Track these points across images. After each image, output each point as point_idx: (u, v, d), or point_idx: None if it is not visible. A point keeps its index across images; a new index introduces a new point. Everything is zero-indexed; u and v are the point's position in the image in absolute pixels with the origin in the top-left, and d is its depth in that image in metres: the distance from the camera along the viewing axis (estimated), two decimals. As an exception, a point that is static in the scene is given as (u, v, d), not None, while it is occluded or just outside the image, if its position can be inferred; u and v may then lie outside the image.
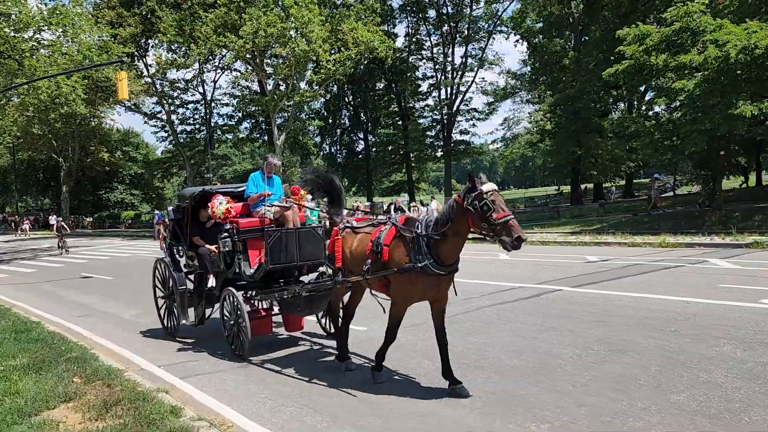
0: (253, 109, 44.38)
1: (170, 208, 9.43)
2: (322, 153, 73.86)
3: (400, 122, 67.34)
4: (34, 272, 21.09)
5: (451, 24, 61.20)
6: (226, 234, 7.81)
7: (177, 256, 9.18)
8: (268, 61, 38.09)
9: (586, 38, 39.60)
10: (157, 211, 50.25)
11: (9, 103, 36.30)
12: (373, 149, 70.85)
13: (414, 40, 63.19)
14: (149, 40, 42.46)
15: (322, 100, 55.64)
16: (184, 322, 8.72)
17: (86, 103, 33.18)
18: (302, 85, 38.58)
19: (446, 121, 61.80)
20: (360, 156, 70.31)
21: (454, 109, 60.73)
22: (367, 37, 34.94)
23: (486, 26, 61.15)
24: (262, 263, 7.43)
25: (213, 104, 46.02)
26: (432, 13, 63.40)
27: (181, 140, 46.81)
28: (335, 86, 53.52)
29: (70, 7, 30.28)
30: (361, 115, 68.94)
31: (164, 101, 43.94)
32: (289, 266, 7.66)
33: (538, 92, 39.75)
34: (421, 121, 66.99)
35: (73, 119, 46.08)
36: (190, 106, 46.89)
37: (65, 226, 30.93)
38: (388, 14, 56.82)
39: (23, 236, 47.82)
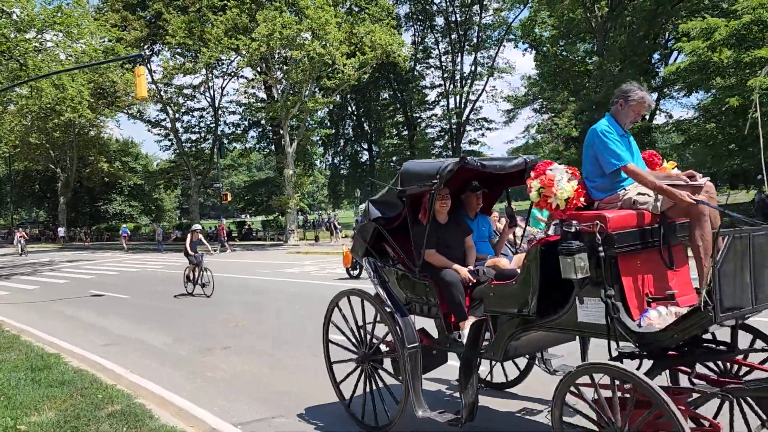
0: (261, 116, 42.66)
1: (365, 201, 5.51)
2: (325, 164, 72.45)
3: (405, 132, 65.99)
4: (37, 289, 19.17)
5: (460, 32, 59.99)
6: (576, 243, 3.67)
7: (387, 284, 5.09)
8: (280, 65, 36.34)
9: (592, 46, 38.27)
10: (124, 226, 49.10)
11: (6, 110, 34.52)
12: (378, 160, 69.49)
13: (421, 48, 61.90)
14: (154, 45, 40.73)
15: (326, 109, 53.98)
16: (420, 413, 4.58)
17: (90, 109, 31.38)
18: (307, 91, 36.84)
19: (455, 130, 60.38)
20: (364, 167, 68.88)
21: (464, 118, 59.32)
22: (385, 40, 33.32)
23: (495, 35, 59.99)
24: (692, 307, 3.44)
25: (220, 112, 44.21)
26: (440, 20, 62.23)
27: (186, 149, 44.95)
28: (338, 96, 52.10)
29: (73, 7, 28.68)
30: (365, 125, 67.64)
31: (169, 108, 42.15)
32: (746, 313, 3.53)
33: (561, 99, 38.22)
34: (428, 130, 65.68)
35: (71, 128, 44.35)
36: (195, 113, 45.12)
37: (205, 243, 16.22)
38: (395, 22, 55.48)
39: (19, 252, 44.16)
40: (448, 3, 59.96)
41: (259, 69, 36.06)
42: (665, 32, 41.34)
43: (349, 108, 66.65)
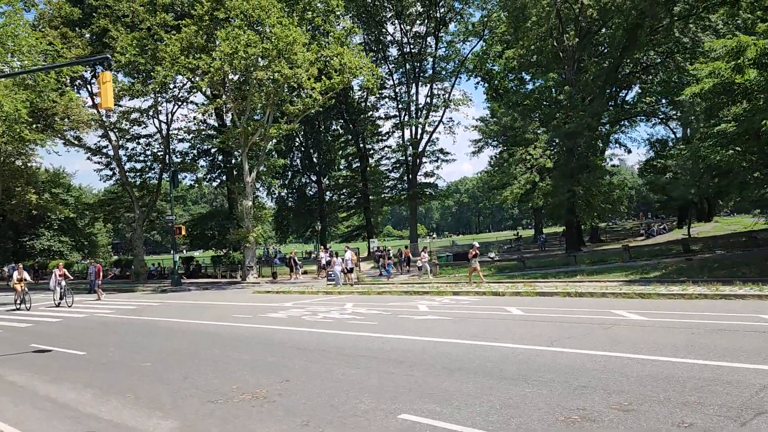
0: (215, 143, 39.63)
1: None
2: (271, 196, 69.30)
3: (357, 164, 64.13)
4: (-39, 343, 15.64)
5: (415, 63, 59.15)
6: None
7: None
8: (240, 88, 33.71)
9: (562, 76, 37.63)
10: (14, 265, 43.39)
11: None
12: (327, 192, 67.28)
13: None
14: (97, 66, 37.30)
15: (274, 140, 51.39)
16: None
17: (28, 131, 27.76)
18: (270, 117, 34.27)
19: (411, 162, 58.98)
20: (313, 200, 66.41)
21: (420, 149, 58.04)
22: (354, 62, 31.39)
23: (450, 66, 59.64)
24: None
25: (170, 139, 40.85)
26: (394, 51, 61.33)
27: (130, 179, 41.14)
28: (300, 122, 49.76)
29: (6, 17, 25.51)
30: (314, 156, 65.44)
31: (112, 134, 38.49)
32: None
33: (532, 129, 37.34)
34: (384, 162, 64.19)
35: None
36: (141, 140, 41.43)
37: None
38: (361, 47, 54.12)
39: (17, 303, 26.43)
40: (403, 34, 59.20)
41: (216, 92, 33.26)
42: (629, 63, 41.49)
43: (298, 139, 64.36)
